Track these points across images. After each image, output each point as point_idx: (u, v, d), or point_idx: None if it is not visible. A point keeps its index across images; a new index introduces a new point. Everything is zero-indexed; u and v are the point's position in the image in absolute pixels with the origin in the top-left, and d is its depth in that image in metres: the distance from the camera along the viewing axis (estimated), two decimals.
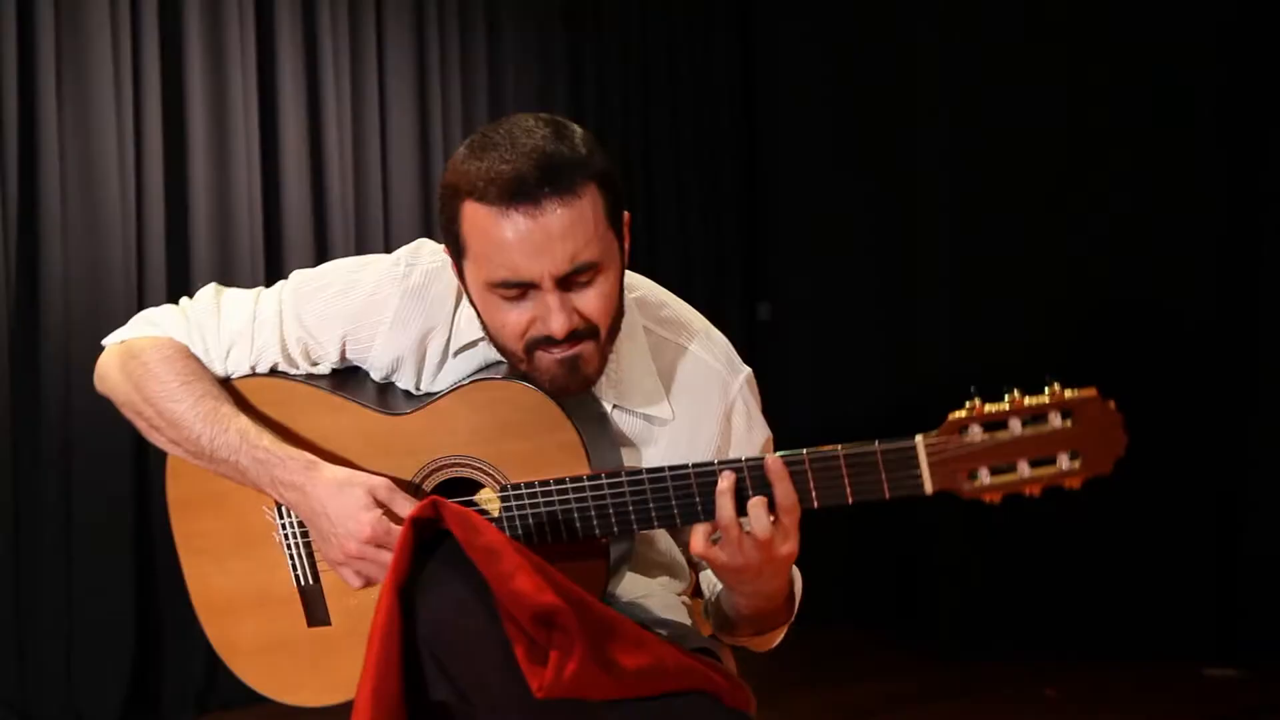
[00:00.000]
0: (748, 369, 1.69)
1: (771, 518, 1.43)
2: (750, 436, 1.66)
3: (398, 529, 1.50)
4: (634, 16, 4.53)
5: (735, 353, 1.69)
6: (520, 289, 1.48)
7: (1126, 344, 3.85)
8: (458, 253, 1.52)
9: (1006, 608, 4.04)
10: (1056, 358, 3.94)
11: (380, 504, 1.54)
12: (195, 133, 3.59)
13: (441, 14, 4.08)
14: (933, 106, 4.14)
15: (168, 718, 3.53)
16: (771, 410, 1.76)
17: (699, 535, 1.46)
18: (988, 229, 4.05)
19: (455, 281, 1.60)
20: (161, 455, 3.71)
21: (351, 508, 1.53)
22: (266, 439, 1.60)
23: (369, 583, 1.57)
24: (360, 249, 3.79)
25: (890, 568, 4.34)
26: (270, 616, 1.68)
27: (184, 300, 1.72)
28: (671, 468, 1.48)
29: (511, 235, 1.45)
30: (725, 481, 1.43)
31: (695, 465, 1.47)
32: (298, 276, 1.70)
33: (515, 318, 1.50)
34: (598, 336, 1.52)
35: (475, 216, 1.47)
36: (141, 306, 3.50)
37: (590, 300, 1.50)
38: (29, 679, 3.38)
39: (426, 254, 1.66)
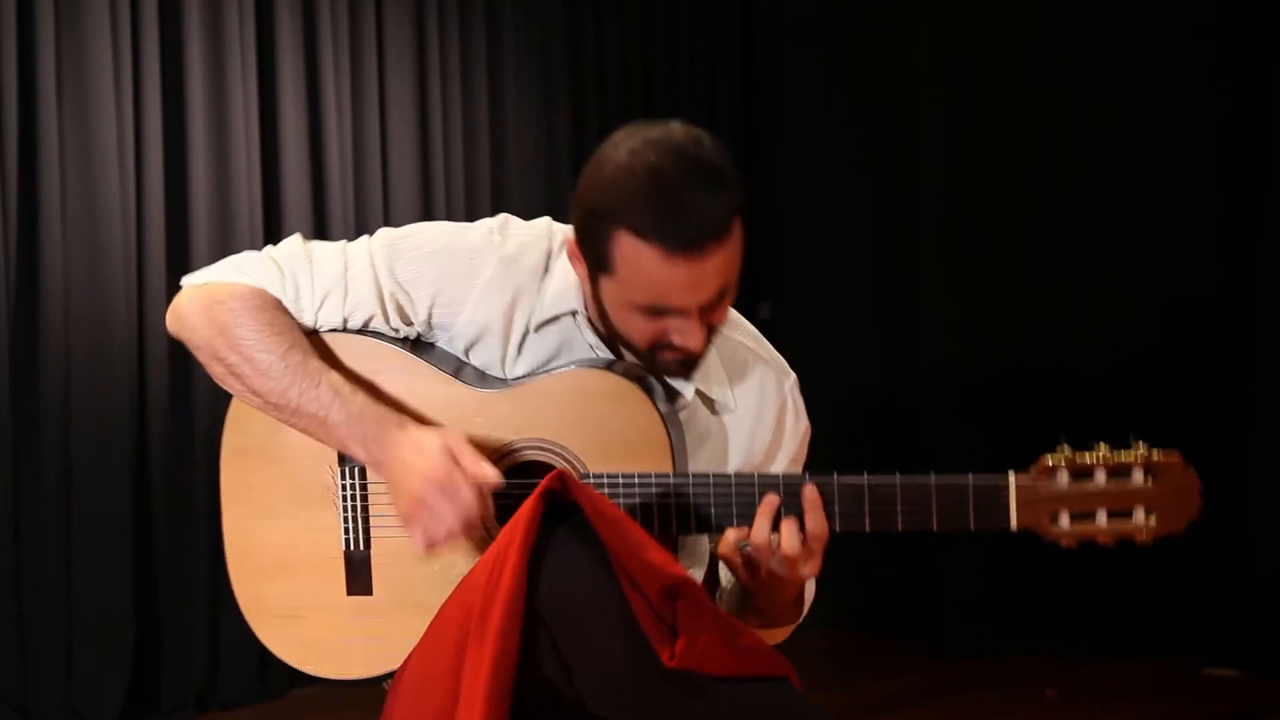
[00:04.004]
0: (793, 374, 1.79)
1: (801, 539, 1.50)
2: (797, 430, 1.77)
3: (464, 481, 1.53)
4: (634, 17, 4.53)
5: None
6: (664, 313, 1.53)
7: (1126, 344, 3.85)
8: (599, 268, 1.55)
9: (1007, 607, 4.03)
10: (1057, 357, 3.96)
11: (450, 451, 1.55)
12: (195, 132, 3.59)
13: (441, 14, 4.08)
14: (933, 106, 4.14)
15: (168, 717, 3.53)
16: None
17: (729, 540, 1.53)
18: (988, 228, 4.05)
19: (544, 257, 1.65)
20: (163, 453, 3.72)
21: (425, 451, 1.55)
22: (360, 396, 1.61)
23: (432, 546, 1.56)
24: None
25: (891, 568, 4.34)
26: (308, 578, 1.66)
27: (270, 248, 1.70)
28: (738, 475, 1.56)
29: (671, 278, 1.49)
30: (767, 506, 1.51)
31: (761, 476, 1.56)
32: (386, 233, 1.70)
33: (650, 329, 1.56)
34: (714, 336, 1.61)
35: (632, 250, 1.49)
36: (141, 306, 3.52)
37: (721, 313, 1.58)
38: (29, 679, 3.38)
39: (516, 227, 1.69)
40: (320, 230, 3.81)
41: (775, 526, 1.51)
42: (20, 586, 3.37)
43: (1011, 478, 1.51)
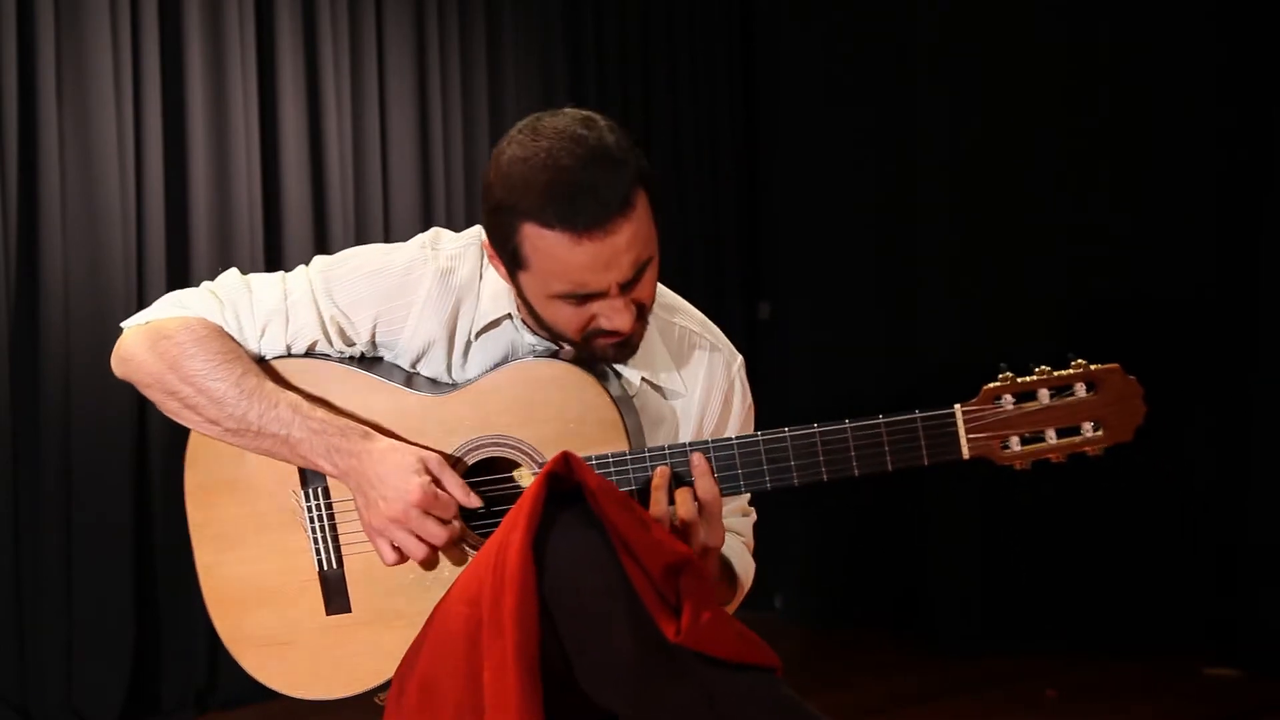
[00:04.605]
0: (740, 355, 1.80)
1: (696, 505, 1.51)
2: (742, 408, 1.78)
3: (444, 496, 1.56)
4: (634, 17, 4.53)
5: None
6: (585, 298, 1.53)
7: (1125, 342, 3.83)
8: (514, 265, 1.55)
9: (1007, 606, 4.04)
10: (1056, 354, 3.95)
11: (430, 473, 1.56)
12: (195, 132, 3.59)
13: (441, 14, 4.08)
14: (932, 105, 4.14)
15: (168, 718, 3.53)
16: (771, 409, 1.81)
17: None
18: (988, 228, 4.05)
19: (478, 265, 1.66)
20: (163, 453, 3.72)
21: (402, 471, 1.56)
22: (320, 411, 1.62)
23: (400, 558, 1.58)
24: None
25: (890, 567, 4.34)
26: (286, 604, 1.67)
27: (207, 283, 1.71)
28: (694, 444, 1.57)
29: (582, 261, 1.49)
30: (660, 478, 1.52)
31: (671, 446, 1.56)
32: (321, 260, 1.71)
33: (577, 317, 1.56)
34: (646, 316, 1.61)
35: (539, 239, 1.50)
36: (141, 306, 3.50)
37: (644, 289, 1.57)
38: (29, 679, 3.38)
39: (447, 240, 1.71)
40: (320, 230, 3.81)
41: (673, 499, 1.53)
42: (20, 587, 3.37)
43: (958, 409, 1.54)
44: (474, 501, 1.59)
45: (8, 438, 3.35)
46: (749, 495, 1.77)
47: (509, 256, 1.55)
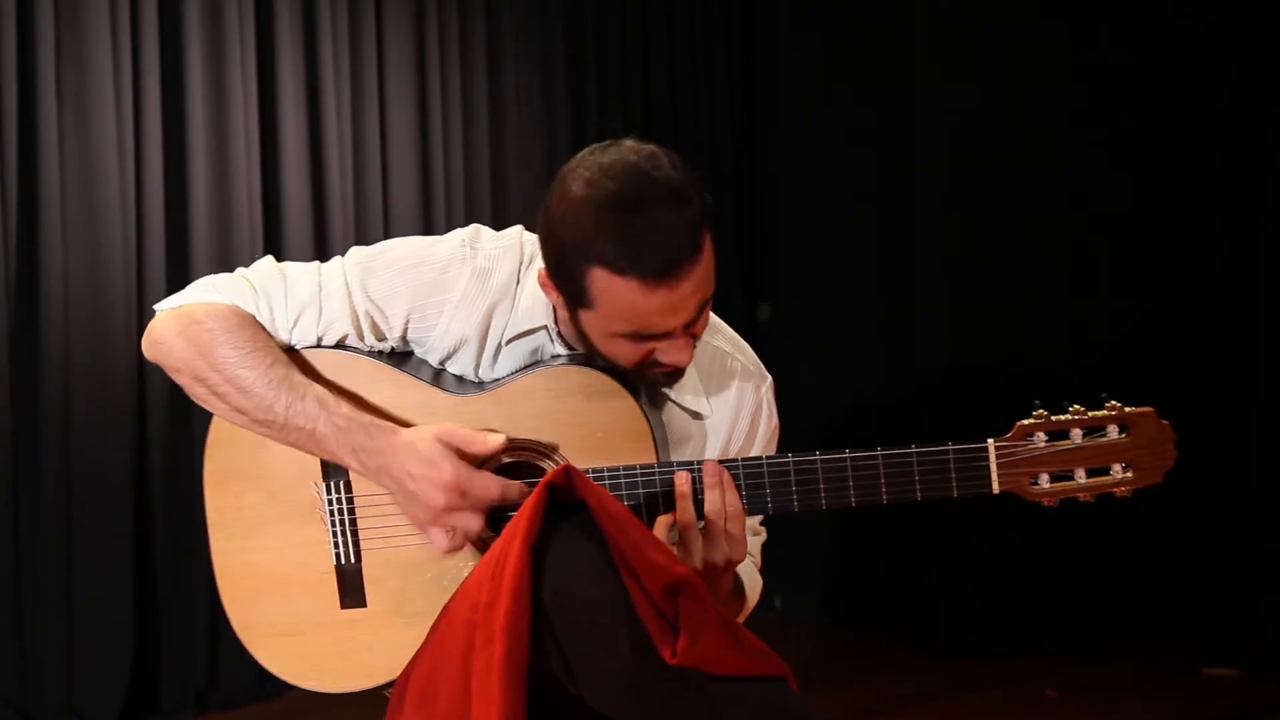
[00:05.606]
0: (770, 376, 1.80)
1: (725, 513, 1.54)
2: (768, 428, 1.79)
3: (478, 481, 1.55)
4: (634, 17, 4.53)
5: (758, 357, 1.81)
6: (648, 338, 1.54)
7: (1125, 343, 3.85)
8: (576, 303, 1.54)
9: (1006, 608, 4.04)
10: (1055, 356, 3.96)
11: (450, 446, 1.56)
12: (195, 132, 3.59)
13: (441, 13, 4.08)
14: (933, 106, 4.14)
15: (168, 718, 3.53)
16: None
17: (662, 528, 1.55)
18: (988, 228, 4.05)
19: (516, 269, 1.65)
20: (163, 453, 3.72)
21: (428, 461, 1.55)
22: (345, 407, 1.61)
23: (455, 547, 1.58)
24: None
25: (891, 567, 4.34)
26: (300, 596, 1.67)
27: (242, 269, 1.71)
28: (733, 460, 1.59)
29: (652, 307, 1.49)
30: (684, 485, 1.53)
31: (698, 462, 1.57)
32: (359, 251, 1.70)
33: (636, 352, 1.56)
34: (697, 343, 1.62)
35: (609, 285, 1.49)
36: (141, 306, 3.52)
37: (702, 322, 1.59)
38: (29, 679, 3.38)
39: (487, 239, 1.69)
40: (320, 232, 3.81)
41: (699, 513, 1.55)
42: (20, 586, 3.37)
43: (991, 444, 1.56)
44: (494, 442, 1.57)
45: (8, 438, 3.35)
46: (761, 515, 1.77)
47: (573, 295, 1.54)
